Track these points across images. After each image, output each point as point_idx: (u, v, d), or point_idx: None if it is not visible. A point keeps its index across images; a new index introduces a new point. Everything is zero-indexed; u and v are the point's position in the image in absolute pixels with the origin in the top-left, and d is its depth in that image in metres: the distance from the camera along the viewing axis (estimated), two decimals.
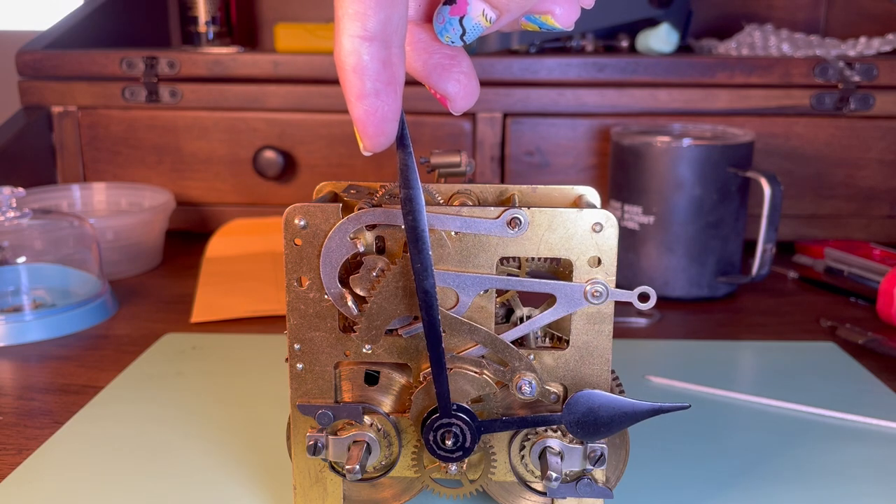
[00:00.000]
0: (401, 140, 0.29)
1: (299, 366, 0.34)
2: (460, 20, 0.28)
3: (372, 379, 0.35)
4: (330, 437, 0.35)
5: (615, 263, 0.33)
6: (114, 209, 0.84)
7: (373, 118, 0.28)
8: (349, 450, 0.35)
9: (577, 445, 0.34)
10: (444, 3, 0.28)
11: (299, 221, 0.33)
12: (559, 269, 0.38)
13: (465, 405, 0.34)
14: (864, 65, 0.81)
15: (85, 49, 0.89)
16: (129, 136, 0.87)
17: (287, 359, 0.35)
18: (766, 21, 1.02)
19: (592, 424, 0.33)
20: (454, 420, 0.33)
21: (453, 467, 0.35)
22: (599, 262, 0.33)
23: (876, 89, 0.82)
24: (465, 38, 0.28)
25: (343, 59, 0.27)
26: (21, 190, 0.67)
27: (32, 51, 0.86)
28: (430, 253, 0.30)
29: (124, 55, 0.85)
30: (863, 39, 0.88)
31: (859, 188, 0.85)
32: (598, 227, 0.32)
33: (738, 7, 1.10)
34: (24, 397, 0.52)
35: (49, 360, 0.58)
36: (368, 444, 0.35)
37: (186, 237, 0.88)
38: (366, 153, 0.29)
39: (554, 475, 0.33)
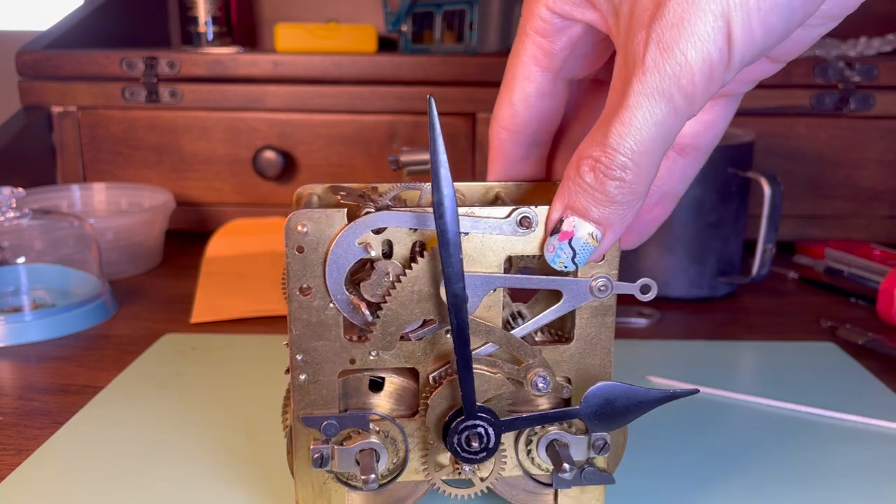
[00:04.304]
0: (434, 147, 0.29)
1: (302, 377, 0.33)
2: (569, 242, 0.31)
3: (376, 385, 0.35)
4: (336, 447, 0.34)
5: (618, 257, 0.33)
6: (114, 209, 0.84)
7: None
8: (358, 460, 0.34)
9: (582, 436, 0.35)
10: (551, 234, 0.31)
11: (303, 228, 0.32)
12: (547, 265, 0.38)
13: (484, 405, 0.34)
14: (864, 65, 0.81)
15: (85, 49, 0.89)
16: (129, 136, 0.87)
17: (287, 370, 0.35)
18: None
19: (610, 415, 0.33)
20: (479, 421, 0.33)
21: (467, 468, 0.35)
22: (602, 256, 0.33)
23: (876, 89, 0.82)
24: (576, 260, 0.31)
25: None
26: (21, 190, 0.67)
27: (32, 51, 0.86)
28: (462, 257, 0.30)
29: (124, 55, 0.85)
30: (863, 39, 0.88)
31: (859, 188, 0.85)
32: None
33: None
34: (23, 397, 0.52)
35: (49, 360, 0.58)
36: (377, 452, 0.34)
37: (186, 237, 0.88)
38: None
39: (568, 467, 0.34)
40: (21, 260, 0.66)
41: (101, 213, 0.84)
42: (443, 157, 0.29)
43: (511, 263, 0.38)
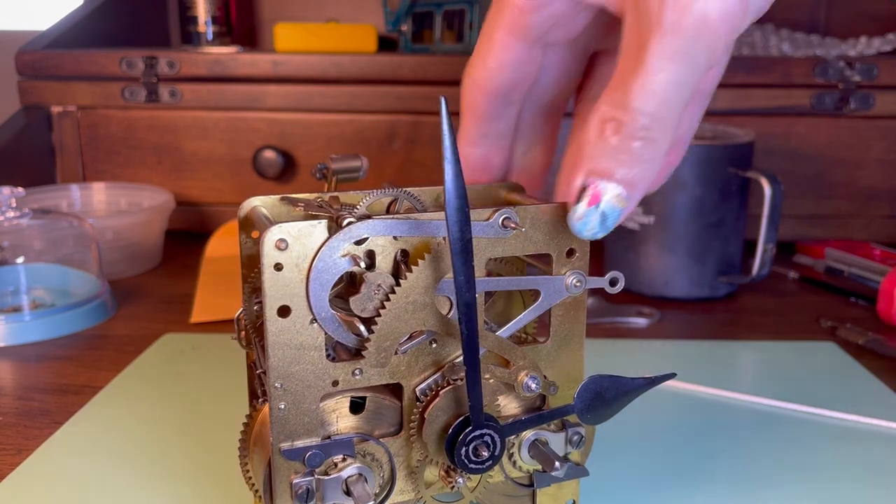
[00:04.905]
0: (447, 150, 0.28)
1: (282, 405, 0.31)
2: (597, 207, 0.30)
3: (357, 407, 0.33)
4: (321, 478, 0.31)
5: (588, 252, 0.33)
6: (113, 209, 0.84)
7: (468, 178, 0.35)
8: (348, 488, 0.32)
9: (560, 432, 0.35)
10: (577, 203, 0.30)
11: (282, 244, 0.29)
12: (504, 267, 0.38)
13: (486, 413, 0.33)
14: (865, 64, 0.81)
15: (85, 49, 0.89)
16: (129, 136, 0.87)
17: (253, 404, 0.33)
18: (767, 21, 1.02)
19: (601, 408, 0.33)
20: (486, 430, 0.33)
21: (461, 480, 0.34)
22: (573, 252, 0.33)
23: (876, 89, 0.82)
24: (606, 223, 0.30)
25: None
26: (21, 190, 0.67)
27: (32, 51, 0.86)
28: (474, 263, 0.30)
29: (124, 55, 0.85)
30: (863, 39, 0.88)
31: (859, 188, 0.85)
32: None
33: None
34: (23, 397, 0.52)
35: (48, 360, 0.58)
36: (364, 476, 0.32)
37: (186, 237, 0.88)
38: None
39: (558, 464, 0.34)
40: (21, 260, 0.66)
41: (101, 212, 0.84)
42: (455, 159, 0.28)
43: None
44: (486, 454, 0.33)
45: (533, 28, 0.33)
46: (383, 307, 0.31)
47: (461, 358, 0.32)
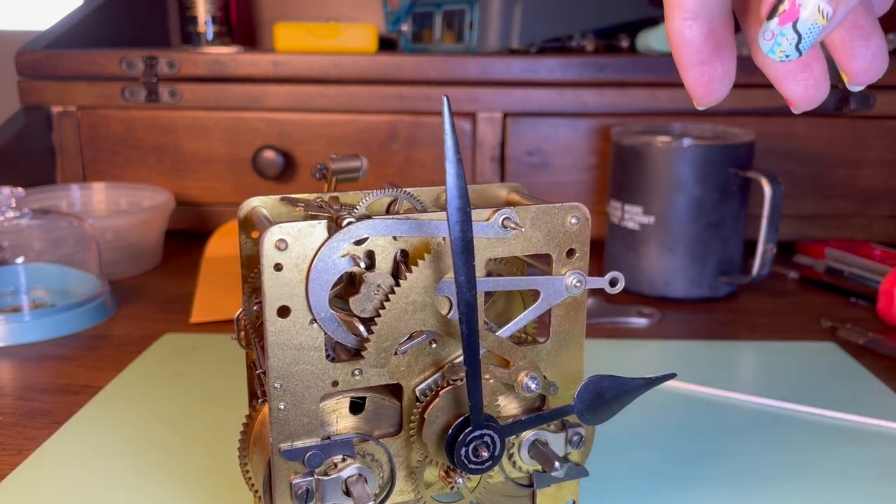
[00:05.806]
0: (448, 150, 0.28)
1: (281, 405, 0.31)
2: (793, 25, 0.25)
3: (357, 407, 0.33)
4: (321, 478, 0.31)
5: (588, 252, 0.33)
6: (113, 209, 0.84)
7: (698, 84, 0.31)
8: (347, 489, 0.32)
9: (560, 433, 0.35)
10: (769, 18, 0.25)
11: (281, 244, 0.29)
12: (504, 267, 0.38)
13: (486, 413, 0.33)
14: None
15: (85, 49, 0.89)
16: (129, 136, 0.87)
17: (253, 405, 0.33)
18: None
19: (601, 408, 0.33)
20: (486, 430, 0.33)
21: (460, 480, 0.34)
22: (573, 252, 0.33)
23: (876, 89, 0.82)
24: (801, 46, 0.26)
25: (671, 37, 0.30)
26: (21, 190, 0.67)
27: (32, 51, 0.86)
28: (475, 263, 0.30)
29: (124, 55, 0.85)
30: None
31: (859, 188, 0.85)
32: (573, 220, 0.33)
33: None
34: (23, 397, 0.52)
35: (48, 360, 0.58)
36: (364, 476, 0.32)
37: (186, 237, 0.88)
38: (699, 108, 0.31)
39: (558, 464, 0.34)
40: (21, 260, 0.66)
41: (101, 212, 0.84)
42: (457, 159, 0.28)
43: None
44: (485, 454, 0.33)
45: None
46: (383, 307, 0.31)
47: (461, 358, 0.32)
